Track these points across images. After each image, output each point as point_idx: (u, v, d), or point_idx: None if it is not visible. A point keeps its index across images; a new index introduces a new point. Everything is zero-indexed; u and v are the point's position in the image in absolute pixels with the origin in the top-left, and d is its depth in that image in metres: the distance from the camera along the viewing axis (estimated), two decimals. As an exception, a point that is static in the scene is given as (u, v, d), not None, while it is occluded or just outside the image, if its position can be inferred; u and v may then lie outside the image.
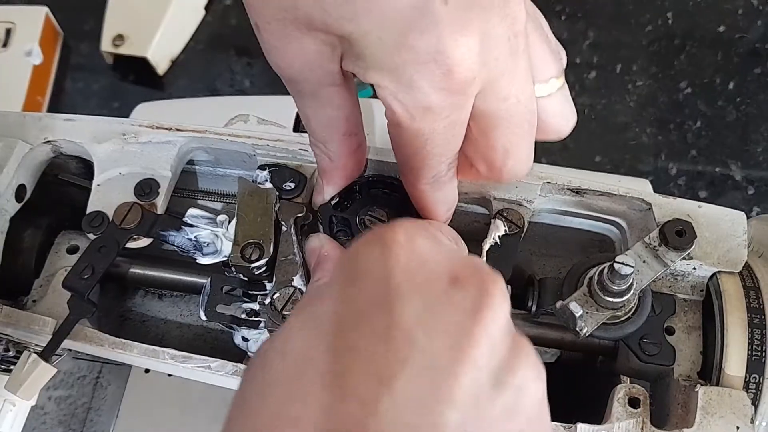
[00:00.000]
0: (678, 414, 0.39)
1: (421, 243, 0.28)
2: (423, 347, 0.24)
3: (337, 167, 0.37)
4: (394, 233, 0.28)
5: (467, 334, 0.25)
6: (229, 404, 0.27)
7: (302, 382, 0.25)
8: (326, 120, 0.34)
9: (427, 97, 0.29)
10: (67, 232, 0.47)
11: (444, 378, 0.24)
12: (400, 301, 0.25)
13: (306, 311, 0.28)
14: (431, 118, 0.30)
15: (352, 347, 0.25)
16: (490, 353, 0.25)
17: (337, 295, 0.27)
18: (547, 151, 0.91)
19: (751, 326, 0.39)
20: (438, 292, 0.26)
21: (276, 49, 0.31)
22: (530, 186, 0.42)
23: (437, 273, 0.27)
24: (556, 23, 1.00)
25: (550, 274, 0.49)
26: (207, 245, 0.43)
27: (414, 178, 0.34)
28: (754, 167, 0.92)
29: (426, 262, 0.27)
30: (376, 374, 0.24)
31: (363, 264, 0.27)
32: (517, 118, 0.31)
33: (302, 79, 0.32)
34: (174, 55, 1.05)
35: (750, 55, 0.99)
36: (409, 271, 0.26)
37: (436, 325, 0.25)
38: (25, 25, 1.00)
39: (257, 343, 0.42)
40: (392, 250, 0.27)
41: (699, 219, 0.41)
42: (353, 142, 0.36)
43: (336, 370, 0.24)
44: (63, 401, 0.62)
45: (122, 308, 0.51)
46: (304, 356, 0.26)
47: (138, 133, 0.45)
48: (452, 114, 0.30)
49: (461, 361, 0.24)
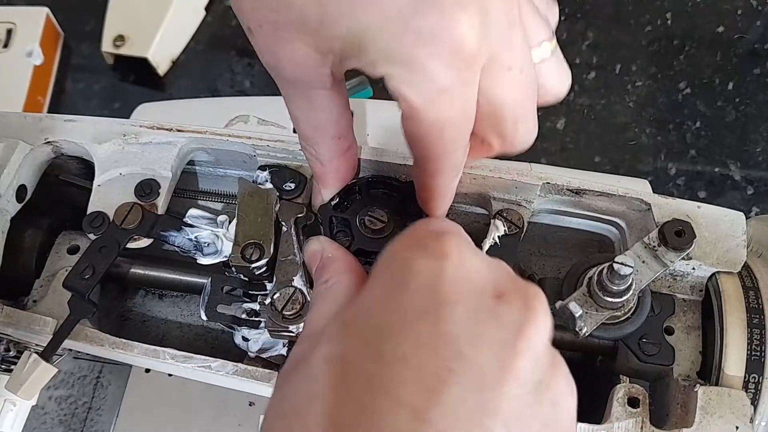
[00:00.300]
0: (677, 414, 0.39)
1: (469, 256, 0.28)
2: (469, 359, 0.25)
3: (328, 170, 0.37)
4: (446, 244, 0.28)
5: (512, 348, 0.25)
6: (226, 403, 0.27)
7: (351, 388, 0.25)
8: (316, 123, 0.34)
9: (439, 77, 0.29)
10: (68, 232, 0.47)
11: (490, 390, 0.24)
12: (448, 312, 0.26)
13: (346, 315, 0.29)
14: (447, 101, 0.30)
15: (400, 356, 0.25)
16: (533, 367, 0.26)
17: (381, 301, 0.27)
18: (547, 151, 0.91)
19: (751, 326, 0.39)
20: (483, 306, 0.26)
21: (268, 51, 0.31)
22: (530, 186, 0.42)
23: (482, 287, 0.27)
24: (556, 24, 1.00)
25: (549, 274, 0.49)
26: (207, 245, 0.43)
27: (435, 170, 0.34)
28: (753, 167, 0.92)
29: (472, 276, 0.27)
30: (425, 384, 0.24)
31: (411, 273, 0.28)
32: (522, 86, 0.32)
33: (293, 81, 0.32)
34: (174, 56, 1.05)
35: (749, 56, 0.99)
36: (456, 283, 0.27)
37: (482, 337, 0.25)
38: (25, 26, 1.00)
39: (257, 343, 0.42)
40: (442, 261, 0.27)
41: (698, 219, 0.41)
42: (342, 145, 0.36)
43: (385, 377, 0.24)
44: (63, 401, 0.62)
45: (123, 308, 0.51)
46: (350, 362, 0.26)
47: (138, 134, 0.45)
48: (465, 92, 0.30)
49: (506, 373, 0.25)
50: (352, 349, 0.26)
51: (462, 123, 0.31)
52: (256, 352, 0.42)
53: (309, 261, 0.37)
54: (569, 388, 0.27)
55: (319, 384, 0.26)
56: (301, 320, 0.38)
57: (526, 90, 0.32)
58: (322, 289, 0.33)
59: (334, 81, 0.32)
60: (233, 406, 0.59)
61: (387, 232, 0.40)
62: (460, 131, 0.32)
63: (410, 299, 0.27)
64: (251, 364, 0.40)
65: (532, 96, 0.33)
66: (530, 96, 0.33)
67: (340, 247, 0.37)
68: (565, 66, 0.36)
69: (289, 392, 0.27)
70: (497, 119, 0.32)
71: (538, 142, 0.34)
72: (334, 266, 0.35)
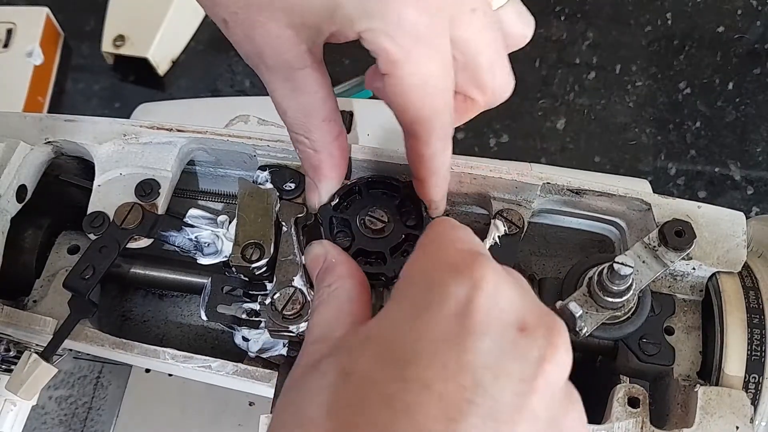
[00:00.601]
0: (677, 414, 0.39)
1: (501, 284, 0.28)
2: (489, 391, 0.25)
3: (323, 158, 0.37)
4: (479, 270, 0.28)
5: (530, 384, 0.25)
6: (226, 403, 0.27)
7: (369, 406, 0.25)
8: (303, 106, 0.34)
9: (414, 23, 0.29)
10: (68, 232, 0.47)
11: (505, 425, 0.24)
12: (475, 342, 0.26)
13: (370, 329, 0.28)
14: (425, 50, 0.30)
15: (424, 382, 0.25)
16: (548, 404, 0.26)
17: (409, 321, 0.27)
18: (547, 151, 0.91)
19: (751, 326, 0.39)
20: (508, 338, 0.26)
21: (245, 39, 0.32)
22: (530, 186, 0.42)
23: (509, 318, 0.27)
24: (556, 23, 1.00)
25: (549, 274, 0.49)
26: (207, 245, 0.43)
27: (425, 134, 0.34)
28: (753, 167, 0.92)
29: (501, 305, 0.27)
30: (445, 412, 0.24)
31: (443, 297, 0.27)
32: (489, 28, 0.33)
33: (273, 64, 0.32)
34: (175, 56, 1.05)
35: (749, 56, 0.99)
36: (486, 313, 0.27)
37: (503, 370, 0.25)
38: (25, 26, 1.00)
39: (258, 343, 0.42)
40: (476, 289, 0.27)
41: (698, 219, 0.41)
42: (334, 128, 0.36)
43: (406, 400, 0.24)
44: (64, 401, 0.63)
45: (123, 308, 0.51)
46: (370, 379, 0.26)
47: (139, 134, 0.45)
48: (440, 41, 0.31)
49: (522, 411, 0.25)
50: (373, 365, 0.26)
51: (443, 77, 0.32)
52: (256, 352, 0.42)
53: (311, 264, 0.37)
54: (582, 422, 0.28)
55: (334, 396, 0.26)
56: (301, 320, 0.38)
57: (493, 32, 0.33)
58: (325, 294, 0.33)
59: (314, 59, 0.32)
60: (233, 406, 0.59)
61: (387, 232, 0.40)
62: (442, 86, 0.32)
63: (439, 325, 0.26)
64: (251, 364, 0.40)
65: (500, 39, 0.34)
66: (499, 38, 0.33)
67: (342, 251, 0.37)
68: (524, 10, 0.36)
69: (299, 399, 0.27)
70: (474, 68, 0.33)
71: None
72: (337, 271, 0.35)
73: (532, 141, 0.89)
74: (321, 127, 0.35)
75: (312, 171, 0.38)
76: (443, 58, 0.31)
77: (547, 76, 0.94)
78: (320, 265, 0.36)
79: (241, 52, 0.33)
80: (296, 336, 0.39)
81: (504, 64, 0.34)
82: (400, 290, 0.29)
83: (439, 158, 0.35)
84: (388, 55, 0.30)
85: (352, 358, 0.27)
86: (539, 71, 0.95)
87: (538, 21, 0.36)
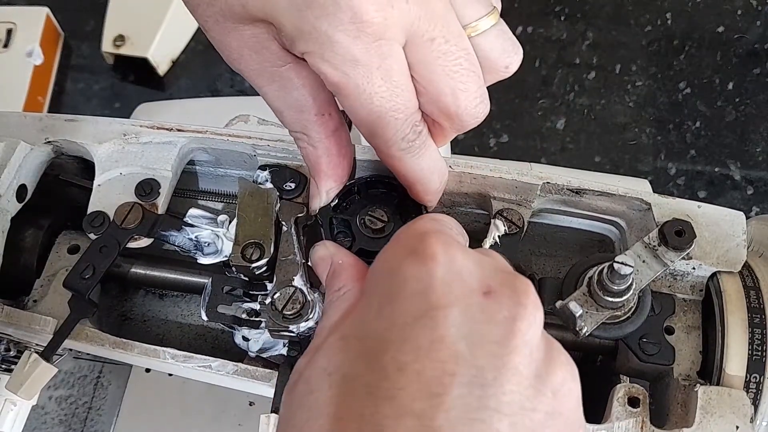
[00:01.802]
0: (678, 413, 0.39)
1: (455, 255, 0.28)
2: (467, 360, 0.25)
3: (320, 154, 0.37)
4: (431, 246, 0.28)
5: (507, 345, 0.26)
6: (226, 403, 0.28)
7: (353, 400, 0.25)
8: (294, 103, 0.34)
9: (348, 48, 0.29)
10: (68, 232, 0.47)
11: (490, 388, 0.25)
12: (442, 315, 0.26)
13: (344, 328, 0.29)
14: (364, 72, 0.30)
15: (400, 365, 0.25)
16: (528, 360, 0.26)
17: (377, 312, 0.28)
18: (547, 151, 0.91)
19: (752, 326, 0.39)
20: (475, 304, 0.27)
21: (222, 44, 0.32)
22: (530, 186, 0.42)
23: (471, 285, 0.28)
24: (556, 23, 1.00)
25: (550, 274, 0.49)
26: (208, 245, 0.43)
27: (384, 145, 0.34)
28: (753, 167, 0.92)
29: (461, 274, 0.28)
30: (427, 390, 0.24)
31: (402, 280, 0.28)
32: (451, 56, 0.32)
33: (256, 66, 0.33)
34: (175, 56, 1.05)
35: (749, 56, 0.99)
36: (446, 284, 0.27)
37: (477, 337, 0.26)
38: (26, 26, 1.00)
39: (258, 342, 0.42)
40: (430, 264, 0.28)
41: (698, 219, 0.41)
42: (330, 123, 0.36)
43: (387, 387, 0.25)
44: (64, 401, 0.62)
45: (123, 308, 0.51)
46: (350, 374, 0.26)
47: (139, 134, 0.45)
48: (382, 63, 0.30)
49: (503, 371, 0.25)
50: (352, 361, 0.27)
51: (392, 95, 0.32)
52: (257, 352, 0.42)
53: (317, 266, 0.37)
54: (570, 374, 0.28)
55: (319, 397, 0.26)
56: (301, 320, 0.38)
57: (456, 60, 0.32)
58: (334, 298, 0.33)
59: (292, 55, 0.32)
60: (233, 406, 0.59)
61: (388, 231, 0.40)
62: (393, 103, 0.32)
63: (404, 307, 0.27)
64: (251, 364, 0.40)
65: (468, 66, 0.33)
66: (465, 66, 0.33)
67: (349, 252, 0.37)
68: (512, 38, 0.35)
69: (292, 406, 0.28)
70: (435, 94, 0.33)
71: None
72: (346, 274, 0.35)
73: (532, 141, 0.89)
74: (316, 122, 0.35)
75: (312, 169, 0.38)
76: (388, 77, 0.31)
77: (547, 76, 0.95)
78: (327, 268, 0.36)
79: (226, 60, 0.33)
80: (296, 336, 0.39)
81: (470, 90, 0.34)
82: (368, 287, 0.30)
83: (411, 166, 0.35)
84: (327, 78, 0.31)
85: (331, 358, 0.28)
86: (539, 71, 0.95)
87: (538, 21, 0.36)
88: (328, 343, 0.29)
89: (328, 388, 0.26)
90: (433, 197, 0.38)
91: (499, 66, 0.35)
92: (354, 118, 0.33)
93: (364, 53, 0.30)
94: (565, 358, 0.28)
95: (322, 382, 0.27)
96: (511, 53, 0.35)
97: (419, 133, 0.34)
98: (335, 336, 0.29)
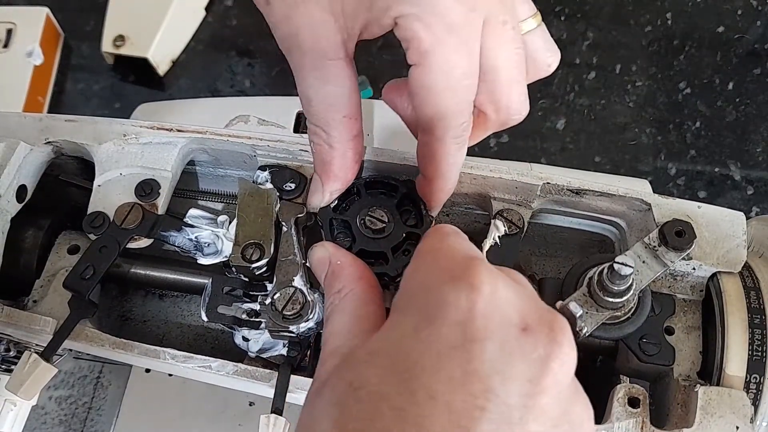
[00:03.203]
0: (678, 414, 0.39)
1: (499, 287, 0.28)
2: (498, 396, 0.25)
3: (336, 156, 0.36)
4: (475, 275, 0.28)
5: (537, 385, 0.26)
6: (226, 403, 0.28)
7: (379, 419, 0.25)
8: (328, 98, 0.34)
9: (449, 10, 0.30)
10: (68, 232, 0.47)
11: (516, 426, 0.25)
12: (479, 349, 0.26)
13: (373, 343, 0.28)
14: (455, 42, 0.31)
15: (432, 393, 0.25)
16: (556, 401, 0.26)
17: (412, 333, 0.27)
18: (547, 151, 0.91)
19: (752, 326, 0.39)
20: (511, 339, 0.26)
21: (285, 19, 0.32)
22: (530, 186, 0.42)
23: (510, 319, 0.27)
24: (556, 23, 1.00)
25: (550, 274, 0.49)
26: (208, 246, 0.43)
27: (442, 130, 0.34)
28: (753, 167, 0.92)
29: (501, 308, 0.27)
30: (456, 422, 0.24)
31: (443, 306, 0.27)
32: (515, 44, 0.33)
33: (308, 49, 0.32)
34: (175, 56, 1.05)
35: (749, 56, 0.99)
36: (487, 317, 0.27)
37: (510, 372, 0.26)
38: (25, 26, 1.00)
39: (258, 343, 0.42)
40: (473, 295, 0.27)
41: (698, 219, 0.41)
42: (353, 127, 0.36)
43: (416, 413, 0.25)
44: (64, 401, 0.62)
45: (123, 308, 0.51)
46: (377, 393, 0.26)
47: (139, 134, 0.45)
48: (470, 36, 0.31)
49: (532, 411, 0.25)
50: (380, 378, 0.26)
51: (468, 74, 0.32)
52: (257, 352, 0.42)
53: (316, 268, 0.36)
54: (588, 413, 0.28)
55: (344, 411, 0.26)
56: (301, 320, 0.38)
57: (518, 50, 0.33)
58: (336, 300, 0.33)
59: (347, 53, 0.33)
60: (233, 406, 0.59)
61: (388, 231, 0.40)
62: (466, 83, 0.32)
63: (442, 335, 0.26)
64: (251, 364, 0.40)
65: (523, 60, 0.34)
66: (522, 59, 0.34)
67: (347, 252, 0.36)
68: (551, 41, 0.37)
69: (313, 414, 0.27)
70: (492, 81, 0.33)
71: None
72: (345, 274, 0.34)
73: (532, 141, 0.89)
74: (342, 122, 0.35)
75: (321, 167, 0.37)
76: (471, 54, 0.32)
77: (547, 76, 0.95)
78: (326, 269, 0.35)
79: (277, 35, 0.33)
80: (296, 336, 0.39)
81: (522, 87, 0.35)
82: (401, 303, 0.30)
83: (451, 159, 0.35)
84: (420, 43, 0.30)
85: (359, 372, 0.27)
86: (539, 71, 0.95)
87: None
88: (355, 356, 0.28)
89: (354, 403, 0.26)
90: (445, 196, 0.38)
91: (543, 64, 0.36)
92: (424, 95, 0.32)
93: (461, 19, 0.30)
94: (585, 397, 0.28)
95: (347, 396, 0.26)
96: (554, 53, 0.37)
97: (469, 125, 0.34)
98: (364, 350, 0.28)
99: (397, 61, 0.90)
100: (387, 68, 0.94)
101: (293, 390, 0.39)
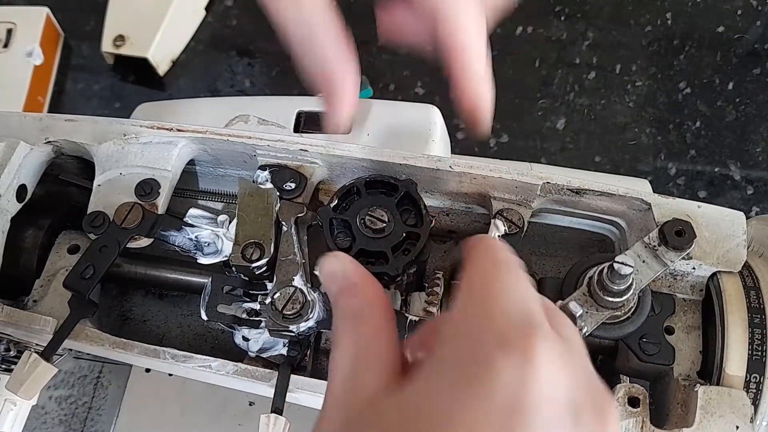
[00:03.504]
0: (677, 413, 0.39)
1: (557, 363, 0.25)
2: None
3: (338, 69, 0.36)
4: (533, 349, 0.25)
5: None
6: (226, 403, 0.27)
7: None
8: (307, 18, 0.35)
9: None
10: (68, 232, 0.47)
11: None
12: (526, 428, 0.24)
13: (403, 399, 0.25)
14: None
15: None
16: None
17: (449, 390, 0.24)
18: (547, 151, 0.91)
19: (752, 326, 0.39)
20: (558, 418, 0.24)
21: None
22: (530, 186, 0.42)
23: (562, 403, 0.25)
24: (556, 23, 1.00)
25: (550, 274, 0.49)
26: (208, 245, 0.43)
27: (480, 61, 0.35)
28: (753, 167, 0.92)
29: (554, 390, 0.25)
30: None
31: (489, 375, 0.24)
32: None
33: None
34: (175, 56, 1.05)
35: (749, 56, 0.99)
36: (538, 400, 0.24)
37: None
38: (25, 26, 1.00)
39: (258, 342, 0.42)
40: (528, 369, 0.24)
41: (698, 219, 0.41)
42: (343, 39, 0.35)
43: None
44: (64, 401, 0.63)
45: (123, 308, 0.51)
46: None
47: (139, 134, 0.45)
48: None
49: None
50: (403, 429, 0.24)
51: None
52: (257, 352, 0.42)
53: (326, 281, 0.32)
54: None
55: None
56: (301, 320, 0.38)
57: None
58: (349, 325, 0.29)
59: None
60: (233, 406, 0.59)
61: (388, 231, 0.40)
62: None
63: (484, 409, 0.24)
64: (251, 364, 0.40)
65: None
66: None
67: (365, 270, 0.32)
68: None
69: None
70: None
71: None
72: (362, 295, 0.30)
73: (532, 141, 0.89)
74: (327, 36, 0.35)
75: (327, 85, 0.36)
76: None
77: (547, 76, 0.94)
78: (338, 283, 0.31)
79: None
80: (296, 336, 0.39)
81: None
82: (439, 353, 0.26)
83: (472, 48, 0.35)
84: None
85: (378, 416, 0.25)
86: (539, 71, 0.94)
87: (538, 21, 0.37)
88: (384, 406, 0.25)
89: None
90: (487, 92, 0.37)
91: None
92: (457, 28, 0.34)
93: None
94: None
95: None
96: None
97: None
98: (391, 401, 0.25)
99: (397, 61, 0.90)
100: (387, 68, 0.94)
101: (293, 390, 0.39)
